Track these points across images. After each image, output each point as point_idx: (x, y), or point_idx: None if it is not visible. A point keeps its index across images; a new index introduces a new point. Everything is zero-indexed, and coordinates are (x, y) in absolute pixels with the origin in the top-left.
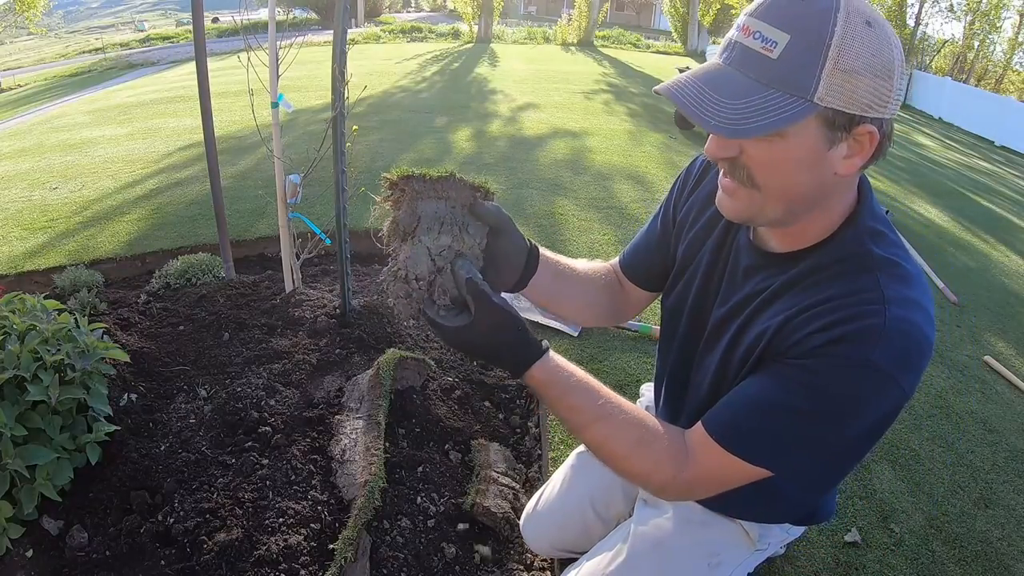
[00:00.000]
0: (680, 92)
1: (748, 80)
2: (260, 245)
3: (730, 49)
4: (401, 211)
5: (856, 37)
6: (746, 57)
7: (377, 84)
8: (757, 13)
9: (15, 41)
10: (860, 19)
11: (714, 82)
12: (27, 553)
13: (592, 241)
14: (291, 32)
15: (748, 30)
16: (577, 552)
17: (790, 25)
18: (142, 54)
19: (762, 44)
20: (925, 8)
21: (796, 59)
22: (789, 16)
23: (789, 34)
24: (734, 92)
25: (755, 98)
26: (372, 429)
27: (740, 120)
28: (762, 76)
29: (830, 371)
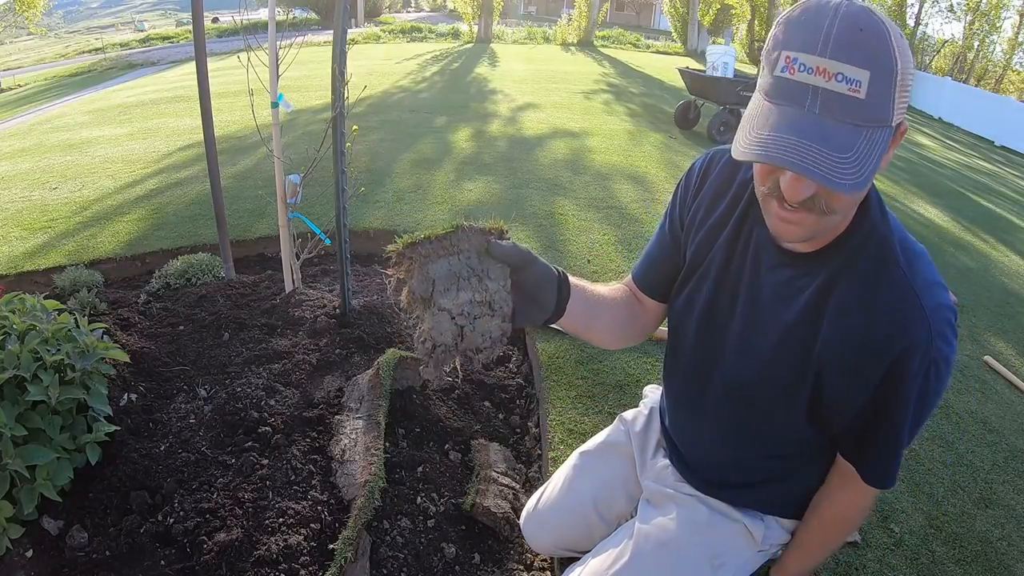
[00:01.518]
0: (783, 153)
1: (846, 126)
2: (260, 245)
3: (813, 97)
4: (414, 279)
5: (904, 53)
6: (837, 103)
7: (377, 84)
8: (830, 53)
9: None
10: (899, 35)
11: (816, 135)
12: (27, 553)
13: (592, 241)
14: (291, 32)
15: (827, 73)
16: (577, 551)
17: (865, 61)
18: (142, 54)
19: (848, 87)
20: (925, 8)
21: (880, 94)
22: (859, 51)
23: (868, 70)
24: (841, 144)
25: (860, 143)
26: (372, 429)
27: (859, 172)
28: (857, 118)
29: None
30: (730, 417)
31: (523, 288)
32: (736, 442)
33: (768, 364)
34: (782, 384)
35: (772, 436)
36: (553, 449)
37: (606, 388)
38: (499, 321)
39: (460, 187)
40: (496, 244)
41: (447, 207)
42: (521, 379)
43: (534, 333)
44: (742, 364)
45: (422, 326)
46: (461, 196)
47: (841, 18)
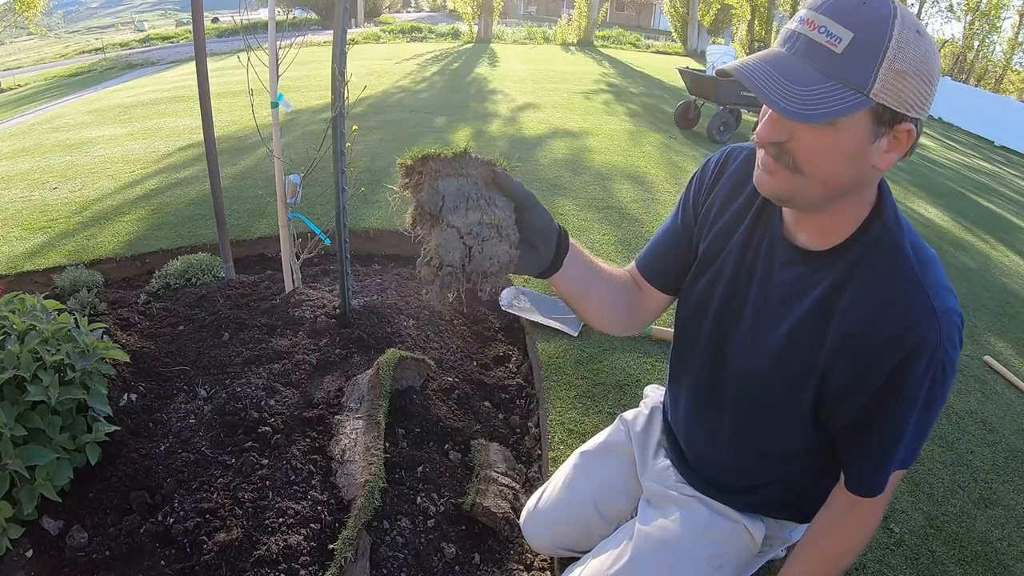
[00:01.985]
0: (751, 73)
1: (812, 70)
2: (260, 245)
3: (793, 40)
4: (423, 193)
5: (909, 42)
6: (811, 49)
7: (377, 84)
8: (822, 9)
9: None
10: (912, 27)
11: (782, 68)
12: (27, 553)
13: (592, 241)
14: (291, 32)
15: (813, 24)
16: (577, 551)
17: (854, 24)
18: (142, 54)
19: (827, 38)
20: (925, 8)
21: (858, 56)
22: (853, 16)
23: (853, 32)
24: (801, 79)
25: (819, 87)
26: (372, 429)
27: (805, 106)
28: (826, 68)
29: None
30: (738, 413)
31: (523, 231)
32: (741, 440)
33: (778, 358)
34: (790, 379)
35: (777, 435)
36: (553, 449)
37: (606, 388)
38: (506, 247)
39: None
40: (503, 175)
41: None
42: (521, 379)
43: (534, 333)
44: (753, 358)
45: (428, 244)
46: None
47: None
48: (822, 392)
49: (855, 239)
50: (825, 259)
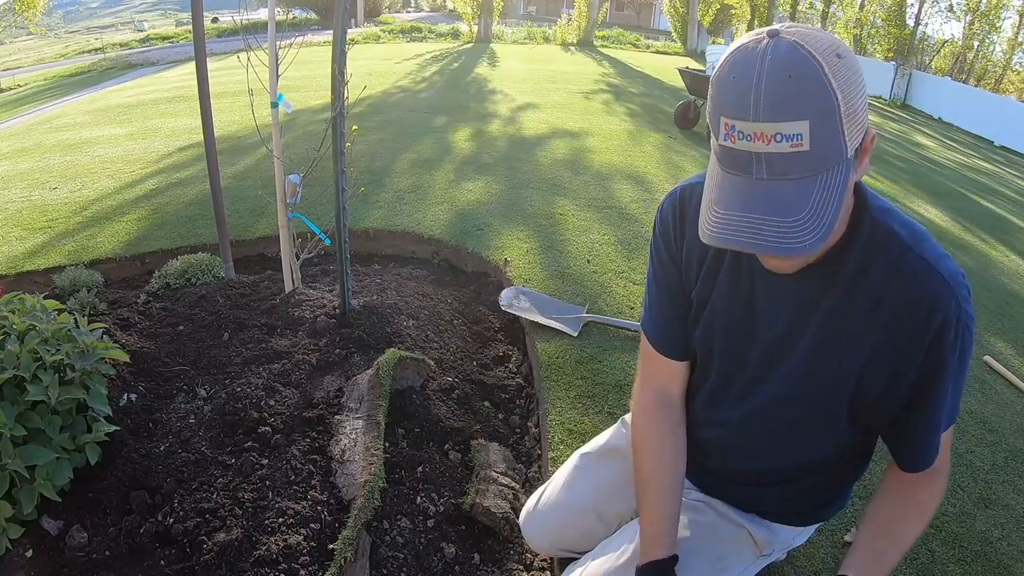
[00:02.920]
0: (744, 236)
1: (797, 184)
2: (260, 245)
3: (757, 163)
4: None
5: (845, 78)
6: (782, 164)
7: (377, 84)
8: (764, 115)
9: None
10: (834, 59)
11: (771, 205)
12: (27, 553)
13: (592, 241)
14: (291, 32)
15: (765, 137)
16: (576, 551)
17: (800, 110)
18: (142, 54)
19: (790, 144)
20: (925, 8)
21: (825, 136)
22: (793, 103)
23: (807, 119)
24: (795, 206)
25: (815, 195)
26: (372, 429)
27: (818, 225)
28: (806, 171)
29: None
30: (756, 434)
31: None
32: (773, 453)
33: (806, 375)
34: (821, 392)
35: (809, 443)
36: (553, 449)
37: (606, 388)
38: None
39: (460, 187)
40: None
41: (447, 207)
42: (521, 379)
43: (534, 333)
44: (779, 382)
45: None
46: (461, 196)
47: (768, 70)
48: (859, 395)
49: (848, 240)
50: (827, 267)
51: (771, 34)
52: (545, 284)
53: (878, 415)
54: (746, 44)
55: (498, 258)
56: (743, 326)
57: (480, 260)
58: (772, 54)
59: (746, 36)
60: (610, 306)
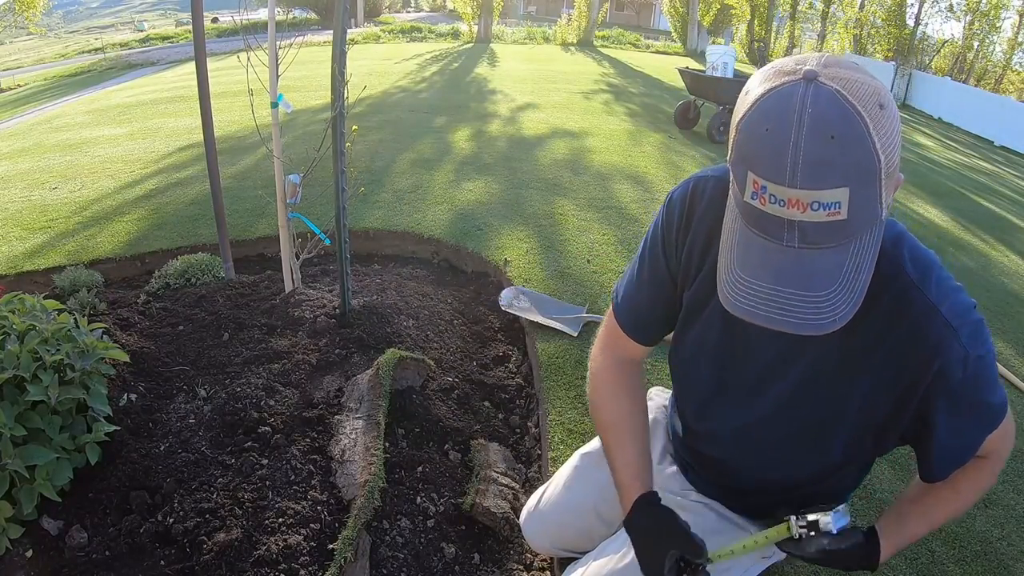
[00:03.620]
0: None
1: (830, 252)
2: (260, 245)
3: (789, 230)
4: None
5: (887, 133)
6: (816, 233)
7: (377, 84)
8: (800, 182)
9: (15, 41)
10: (877, 111)
11: (801, 278)
12: (27, 553)
13: (592, 241)
14: (291, 32)
15: (801, 204)
16: (576, 551)
17: (842, 178)
18: (142, 54)
19: (827, 213)
20: (925, 8)
21: (865, 202)
22: (835, 169)
23: (847, 186)
24: (828, 276)
25: (848, 264)
26: (372, 429)
27: (849, 295)
28: (842, 239)
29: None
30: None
31: None
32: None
33: (799, 400)
34: (817, 416)
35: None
36: (553, 449)
37: None
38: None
39: (460, 187)
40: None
41: (447, 207)
42: (521, 379)
43: (534, 333)
44: (770, 401)
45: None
46: (461, 196)
47: (808, 127)
48: (861, 421)
49: None
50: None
51: (808, 77)
52: (545, 284)
53: (887, 438)
54: (780, 87)
55: (498, 258)
56: (738, 341)
57: (480, 260)
58: (813, 107)
59: (776, 72)
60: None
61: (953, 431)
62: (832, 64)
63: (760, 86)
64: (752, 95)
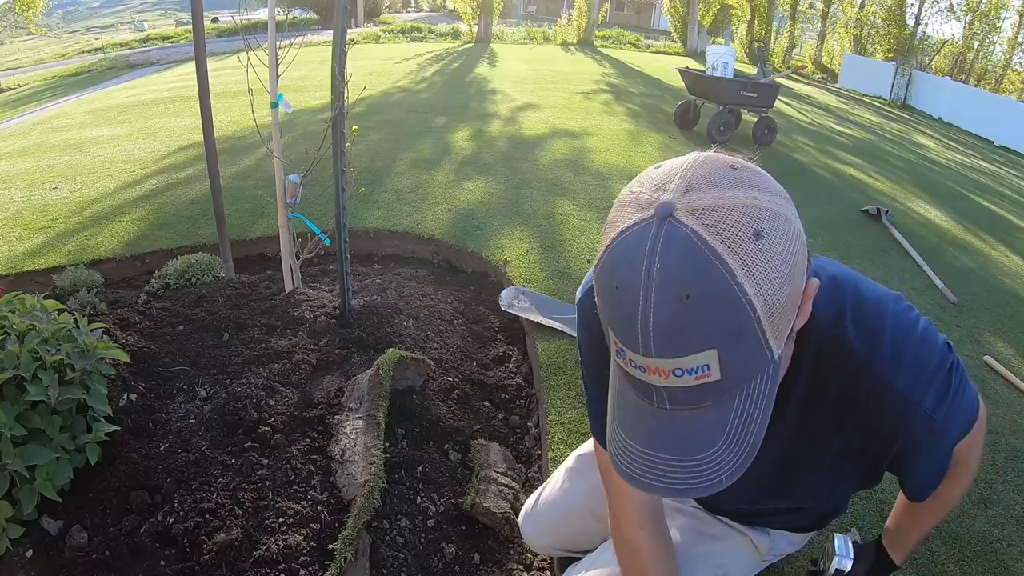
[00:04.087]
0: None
1: (708, 411)
2: (260, 245)
3: (658, 395)
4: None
5: (765, 269)
6: (688, 395)
7: (377, 84)
8: (655, 351)
9: (15, 41)
10: (749, 246)
11: (680, 444)
12: (27, 553)
13: (592, 241)
14: (291, 32)
15: (663, 372)
16: (575, 551)
17: (703, 339)
18: (142, 54)
19: (695, 377)
20: (925, 8)
21: (739, 359)
22: (694, 332)
23: (714, 347)
24: (708, 437)
25: (733, 421)
26: (372, 429)
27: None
28: (719, 397)
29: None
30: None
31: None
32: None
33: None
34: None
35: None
36: (553, 449)
37: None
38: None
39: (460, 187)
40: None
41: (447, 207)
42: (521, 379)
43: (534, 333)
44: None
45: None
46: (461, 196)
47: (657, 287)
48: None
49: (795, 374)
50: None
51: (661, 215)
52: (545, 284)
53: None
54: (632, 229)
55: (498, 258)
56: None
57: (480, 260)
58: (662, 260)
59: (633, 202)
60: None
61: (926, 469)
62: (697, 186)
63: (615, 221)
64: (607, 234)
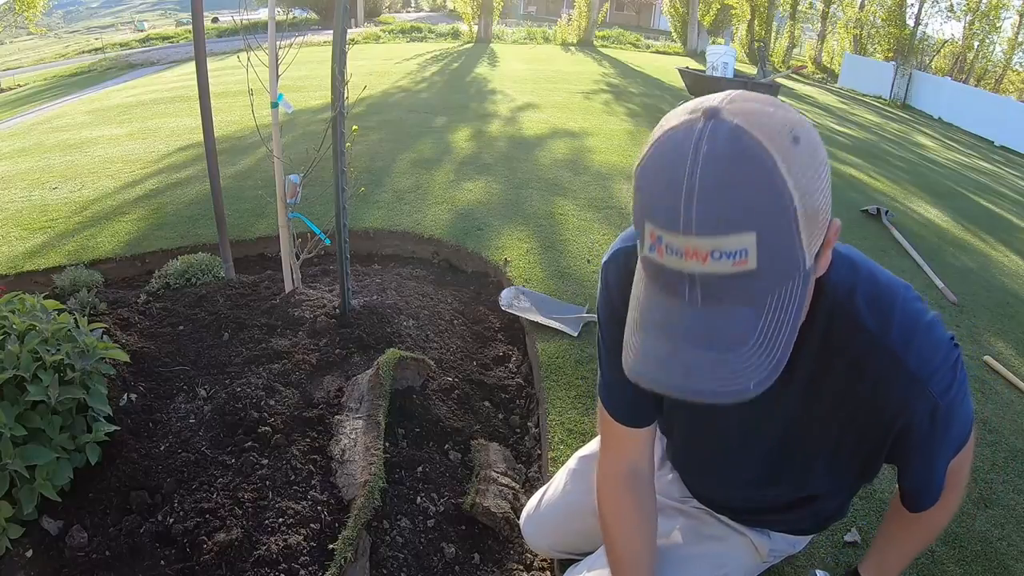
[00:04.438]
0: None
1: (740, 309)
2: (260, 245)
3: (691, 287)
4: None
5: (803, 168)
6: (722, 286)
7: (377, 84)
8: (696, 229)
9: (15, 41)
10: (788, 144)
11: (707, 340)
12: (27, 553)
13: (592, 241)
14: (291, 32)
15: (699, 254)
16: (577, 553)
17: (745, 221)
18: (142, 54)
19: (732, 262)
20: (925, 8)
21: (776, 250)
22: (736, 212)
23: (753, 230)
24: (737, 337)
25: (764, 323)
26: (372, 429)
27: (766, 360)
28: (752, 291)
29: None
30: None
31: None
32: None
33: (776, 460)
34: (795, 469)
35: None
36: (553, 449)
37: None
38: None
39: (460, 187)
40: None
41: (447, 207)
42: (521, 379)
43: (534, 333)
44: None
45: None
46: (461, 196)
47: (704, 167)
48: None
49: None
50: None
51: (709, 114)
52: (545, 284)
53: (870, 467)
54: (677, 126)
55: (498, 258)
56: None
57: (480, 260)
58: (709, 143)
59: (678, 113)
60: None
61: (924, 468)
62: (739, 100)
63: (658, 130)
64: (649, 140)
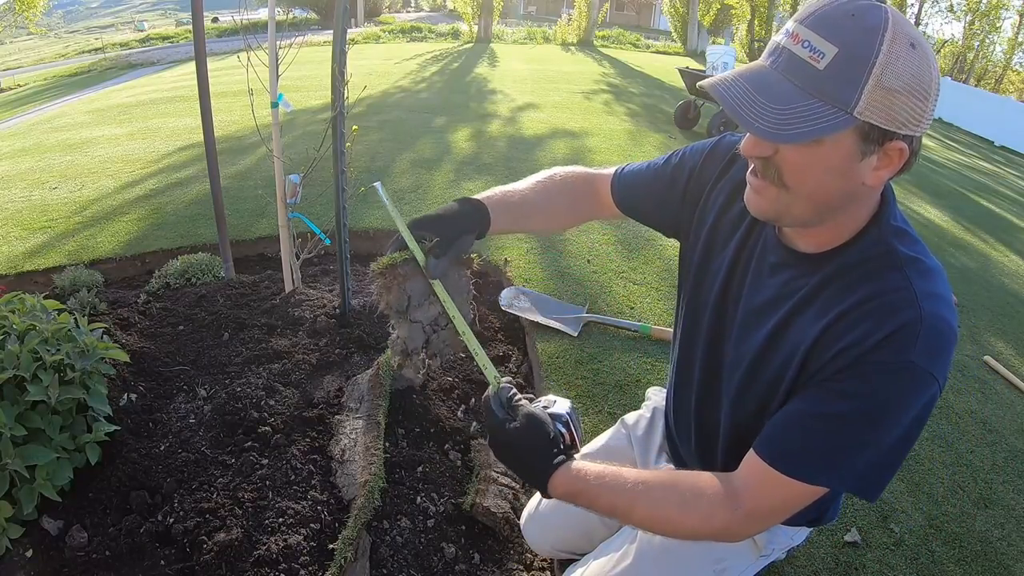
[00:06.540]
0: (726, 91)
1: (792, 87)
2: (260, 245)
3: (776, 54)
4: (392, 295)
5: (900, 57)
6: (792, 64)
7: (377, 84)
8: (807, 22)
9: (15, 41)
10: (905, 40)
11: (760, 84)
12: (27, 553)
13: (592, 241)
14: (291, 32)
15: (797, 38)
16: (577, 553)
17: (839, 38)
18: (142, 54)
19: (810, 53)
20: (925, 8)
21: (841, 72)
22: (838, 29)
23: (837, 47)
24: (778, 97)
25: (798, 105)
26: (372, 429)
27: (781, 125)
28: (807, 84)
29: (875, 377)
30: (731, 426)
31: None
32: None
33: (753, 365)
34: (764, 386)
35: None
36: None
37: (606, 388)
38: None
39: (460, 187)
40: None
41: None
42: (521, 379)
43: (534, 333)
44: (736, 365)
45: (398, 332)
46: (461, 196)
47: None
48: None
49: (848, 244)
50: (814, 262)
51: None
52: (545, 284)
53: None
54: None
55: (498, 258)
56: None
57: (480, 260)
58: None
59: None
60: (610, 306)
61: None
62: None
63: None
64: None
